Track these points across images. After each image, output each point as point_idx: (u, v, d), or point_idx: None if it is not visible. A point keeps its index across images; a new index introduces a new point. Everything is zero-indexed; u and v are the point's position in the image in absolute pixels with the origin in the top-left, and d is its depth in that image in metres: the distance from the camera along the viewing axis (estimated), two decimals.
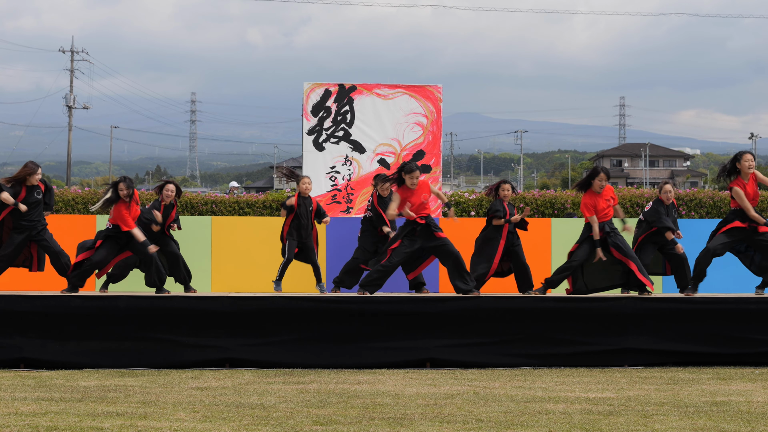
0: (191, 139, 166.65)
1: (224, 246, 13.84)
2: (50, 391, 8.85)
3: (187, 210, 18.61)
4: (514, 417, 7.50)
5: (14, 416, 7.41)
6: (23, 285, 13.23)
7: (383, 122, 15.24)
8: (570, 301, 11.29)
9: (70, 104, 62.48)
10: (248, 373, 10.39)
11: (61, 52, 64.99)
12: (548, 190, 20.83)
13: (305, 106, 15.23)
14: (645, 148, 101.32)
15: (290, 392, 8.88)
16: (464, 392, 8.91)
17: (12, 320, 10.76)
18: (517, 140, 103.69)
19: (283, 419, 7.36)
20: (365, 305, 11.14)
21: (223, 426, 7.08)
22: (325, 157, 15.06)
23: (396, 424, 7.15)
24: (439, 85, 15.47)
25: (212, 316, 10.91)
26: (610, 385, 9.51)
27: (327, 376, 10.15)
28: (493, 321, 11.06)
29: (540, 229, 14.19)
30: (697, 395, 8.76)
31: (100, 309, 10.90)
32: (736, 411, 7.86)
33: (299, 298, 11.29)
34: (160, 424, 7.10)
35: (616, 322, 11.11)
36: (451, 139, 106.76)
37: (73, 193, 18.90)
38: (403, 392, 8.88)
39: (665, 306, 11.25)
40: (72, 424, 7.05)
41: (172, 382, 9.59)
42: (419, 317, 11.02)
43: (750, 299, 11.41)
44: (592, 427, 7.10)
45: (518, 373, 10.47)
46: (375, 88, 15.31)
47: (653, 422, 7.30)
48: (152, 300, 11.16)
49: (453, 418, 7.43)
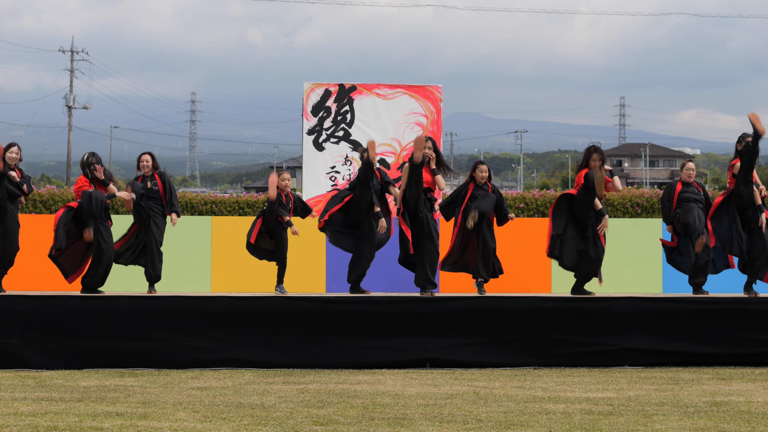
0: (191, 139, 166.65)
1: (224, 246, 13.84)
2: (50, 391, 8.85)
3: (187, 210, 18.61)
4: (514, 417, 7.50)
5: (14, 416, 7.41)
6: (23, 285, 13.22)
7: (383, 122, 15.24)
8: (570, 301, 11.29)
9: (70, 104, 62.52)
10: (248, 373, 10.39)
11: (61, 52, 65.02)
12: (548, 190, 20.83)
13: (305, 106, 15.23)
14: (645, 148, 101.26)
15: (290, 392, 8.88)
16: (464, 392, 8.91)
17: (12, 320, 10.76)
18: (517, 140, 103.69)
19: (283, 419, 7.36)
20: (365, 305, 11.15)
21: (223, 426, 7.08)
22: (325, 157, 15.07)
23: (396, 424, 7.15)
24: (439, 85, 15.47)
25: (212, 316, 10.91)
26: (610, 385, 9.51)
27: (327, 376, 10.15)
28: (493, 321, 11.06)
29: (540, 229, 14.18)
30: (697, 395, 8.76)
31: (100, 309, 10.90)
32: (736, 411, 7.86)
33: (299, 298, 11.29)
34: (160, 424, 7.10)
35: (616, 322, 11.11)
36: (451, 139, 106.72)
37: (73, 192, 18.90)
38: (403, 392, 8.88)
39: (665, 306, 11.26)
40: (72, 424, 7.05)
41: (172, 382, 9.59)
42: (419, 317, 11.02)
43: (750, 299, 11.41)
44: (592, 427, 7.10)
45: (518, 373, 10.47)
46: (375, 88, 15.31)
47: (653, 422, 7.30)
48: (152, 300, 11.17)
49: (453, 418, 7.43)
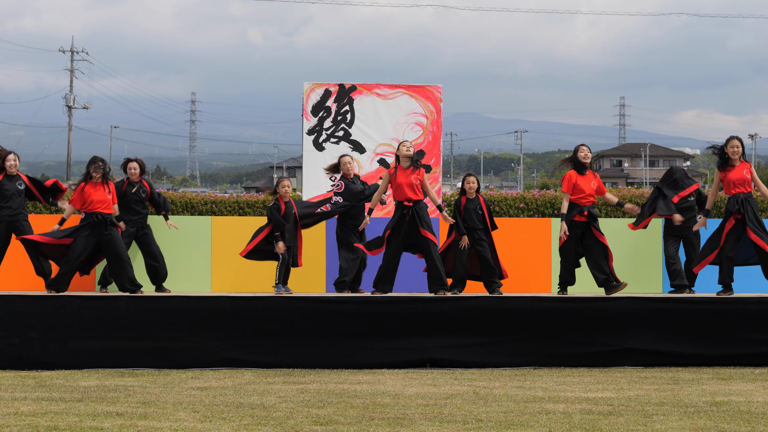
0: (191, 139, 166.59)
1: (224, 246, 13.82)
2: (50, 391, 8.85)
3: (187, 210, 18.61)
4: (514, 417, 7.50)
5: (14, 416, 7.41)
6: (23, 285, 13.23)
7: (383, 122, 15.22)
8: (570, 301, 11.29)
9: (70, 104, 62.53)
10: (248, 373, 10.40)
11: (61, 52, 65.04)
12: (548, 190, 20.81)
13: (305, 106, 15.22)
14: (645, 148, 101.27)
15: (290, 392, 8.88)
16: (464, 392, 8.92)
17: (12, 320, 10.76)
18: (517, 140, 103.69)
19: (283, 419, 7.36)
20: (365, 305, 11.15)
21: (223, 426, 7.08)
22: (325, 157, 15.03)
23: (396, 424, 7.15)
24: (439, 85, 15.46)
25: (212, 316, 10.91)
26: (610, 385, 9.51)
27: (327, 376, 10.15)
28: (493, 321, 11.06)
29: (540, 229, 14.19)
30: (697, 395, 8.76)
31: (100, 309, 10.91)
32: (736, 411, 7.86)
33: (299, 298, 11.29)
34: (160, 424, 7.10)
35: (616, 322, 11.11)
36: (451, 139, 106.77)
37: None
38: (403, 392, 8.88)
39: (665, 306, 11.26)
40: (72, 424, 7.06)
41: (172, 382, 9.59)
42: (419, 317, 11.02)
43: (750, 299, 11.41)
44: (592, 427, 7.10)
45: (518, 373, 10.48)
46: (375, 88, 15.30)
47: (653, 422, 7.30)
48: (152, 300, 11.17)
49: (453, 418, 7.43)
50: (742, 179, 11.73)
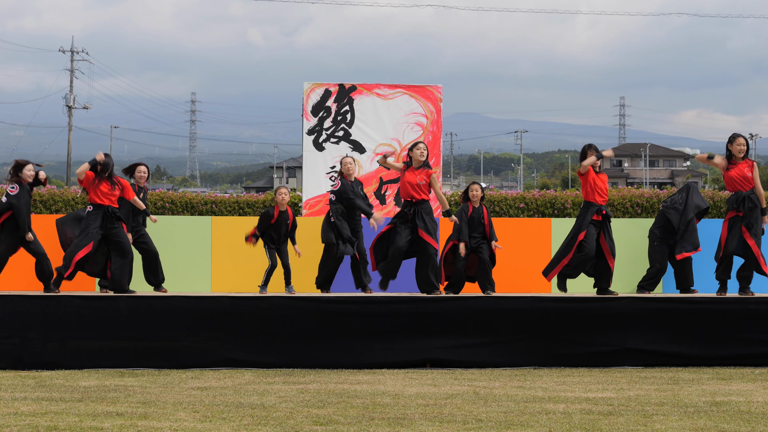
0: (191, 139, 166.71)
1: (224, 246, 13.83)
2: (50, 391, 8.85)
3: (187, 210, 18.60)
4: (514, 417, 7.50)
5: (14, 416, 7.41)
6: (23, 285, 13.22)
7: (383, 122, 15.22)
8: (570, 301, 11.29)
9: (70, 104, 62.47)
10: (248, 373, 10.40)
11: (61, 52, 64.99)
12: (548, 190, 20.81)
13: (305, 106, 15.21)
14: (645, 148, 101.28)
15: (290, 392, 8.88)
16: (464, 392, 8.92)
17: (12, 320, 10.76)
18: (517, 140, 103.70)
19: (283, 419, 7.37)
20: (365, 305, 11.15)
21: (223, 426, 7.08)
22: (325, 157, 15.04)
23: (396, 424, 7.15)
24: (439, 85, 15.46)
25: (212, 316, 10.91)
26: (610, 385, 9.51)
27: (327, 376, 10.15)
28: (493, 321, 11.06)
29: (540, 229, 14.19)
30: (697, 395, 8.76)
31: (100, 309, 10.91)
32: (736, 411, 7.86)
33: (299, 298, 11.29)
34: (160, 424, 7.11)
35: (616, 322, 11.11)
36: (451, 139, 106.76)
37: (73, 193, 18.87)
38: (403, 392, 8.89)
39: (665, 306, 11.26)
40: (72, 424, 7.06)
41: (172, 382, 9.59)
42: (419, 317, 11.02)
43: (750, 299, 11.41)
44: (592, 427, 7.10)
45: (518, 373, 10.48)
46: (375, 88, 15.30)
47: (653, 422, 7.30)
48: (152, 300, 11.17)
49: (453, 418, 7.43)
50: (744, 177, 11.81)
